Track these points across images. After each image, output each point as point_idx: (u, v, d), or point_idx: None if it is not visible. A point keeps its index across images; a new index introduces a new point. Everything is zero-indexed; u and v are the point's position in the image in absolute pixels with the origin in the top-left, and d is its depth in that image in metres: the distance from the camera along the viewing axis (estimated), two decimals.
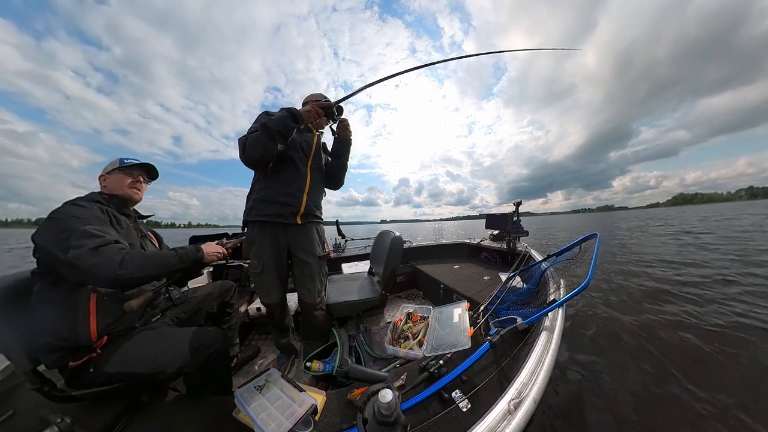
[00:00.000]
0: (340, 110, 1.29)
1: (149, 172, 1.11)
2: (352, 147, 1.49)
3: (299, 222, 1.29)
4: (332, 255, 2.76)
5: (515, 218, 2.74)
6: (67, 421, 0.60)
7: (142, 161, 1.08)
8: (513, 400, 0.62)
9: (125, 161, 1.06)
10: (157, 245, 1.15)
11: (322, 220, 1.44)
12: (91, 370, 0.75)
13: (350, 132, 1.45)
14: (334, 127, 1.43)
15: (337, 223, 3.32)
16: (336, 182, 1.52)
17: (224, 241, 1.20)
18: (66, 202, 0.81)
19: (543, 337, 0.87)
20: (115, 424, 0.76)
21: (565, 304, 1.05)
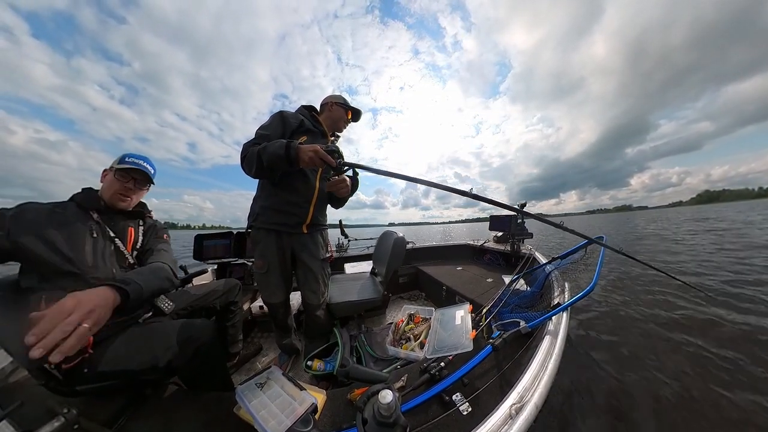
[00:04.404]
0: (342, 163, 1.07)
1: (145, 176, 1.02)
2: (356, 180, 1.37)
3: (305, 231, 1.30)
4: (335, 255, 2.77)
5: (519, 220, 2.71)
6: (73, 412, 0.61)
7: (138, 164, 0.99)
8: (515, 404, 0.61)
9: (126, 159, 0.98)
10: (126, 251, 0.98)
11: (326, 225, 1.45)
12: (86, 370, 0.75)
13: (346, 191, 1.26)
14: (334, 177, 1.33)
15: (340, 223, 3.33)
16: (334, 207, 1.51)
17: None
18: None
19: (546, 342, 0.86)
20: (118, 417, 0.77)
21: (569, 308, 1.03)
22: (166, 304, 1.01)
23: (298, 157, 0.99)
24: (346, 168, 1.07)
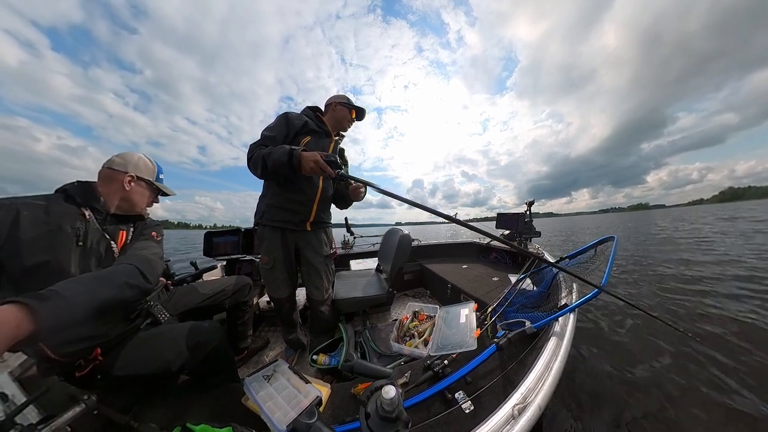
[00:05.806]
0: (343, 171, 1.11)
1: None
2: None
3: (309, 229, 1.33)
4: (340, 251, 2.79)
5: (527, 218, 2.66)
6: (92, 398, 0.64)
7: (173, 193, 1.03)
8: (517, 405, 0.61)
9: (161, 176, 0.99)
10: (115, 249, 0.84)
11: (330, 223, 1.47)
12: (99, 377, 0.77)
13: (361, 196, 1.33)
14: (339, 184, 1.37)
15: (346, 221, 3.34)
16: (340, 208, 1.53)
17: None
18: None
19: (552, 343, 0.85)
20: (134, 404, 0.82)
21: (576, 310, 1.02)
22: (162, 315, 1.00)
23: (300, 165, 1.05)
24: (343, 177, 1.10)
